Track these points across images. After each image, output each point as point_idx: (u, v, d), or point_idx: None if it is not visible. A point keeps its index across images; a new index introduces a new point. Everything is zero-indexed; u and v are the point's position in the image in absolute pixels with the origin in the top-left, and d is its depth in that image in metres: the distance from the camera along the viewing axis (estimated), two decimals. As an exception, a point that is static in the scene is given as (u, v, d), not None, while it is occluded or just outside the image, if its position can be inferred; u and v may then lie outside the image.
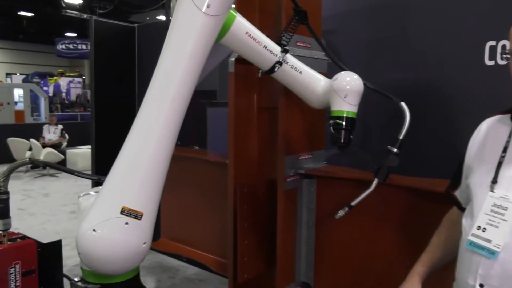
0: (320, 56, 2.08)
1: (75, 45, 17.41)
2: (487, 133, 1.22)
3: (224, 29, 1.50)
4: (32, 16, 17.36)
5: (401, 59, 2.29)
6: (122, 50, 3.75)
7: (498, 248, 1.04)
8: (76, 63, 22.24)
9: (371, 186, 1.66)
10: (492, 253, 1.05)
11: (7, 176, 1.46)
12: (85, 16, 13.83)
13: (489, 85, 1.92)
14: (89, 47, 3.77)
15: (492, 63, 1.91)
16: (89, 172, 3.06)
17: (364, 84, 1.68)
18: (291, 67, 1.69)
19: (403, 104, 1.70)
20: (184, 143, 3.32)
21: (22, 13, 16.98)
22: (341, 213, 1.68)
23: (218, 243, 2.73)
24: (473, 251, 1.09)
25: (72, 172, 1.52)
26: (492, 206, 1.09)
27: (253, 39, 1.59)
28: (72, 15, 14.93)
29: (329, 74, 1.93)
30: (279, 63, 1.65)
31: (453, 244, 1.24)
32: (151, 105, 1.28)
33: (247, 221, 2.11)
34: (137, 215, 1.22)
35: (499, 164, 1.12)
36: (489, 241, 1.07)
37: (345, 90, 1.61)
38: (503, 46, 1.88)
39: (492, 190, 1.11)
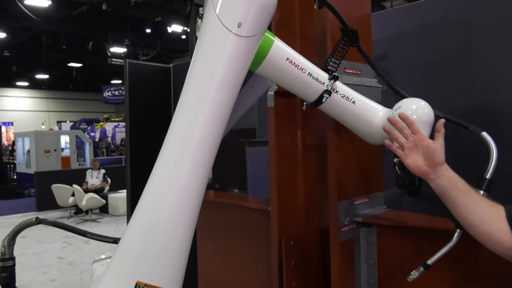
0: (372, 83, 1.80)
1: (120, 91, 18.13)
2: None
3: (261, 56, 1.26)
4: (80, 67, 18.34)
5: (469, 82, 1.98)
6: (157, 91, 3.67)
7: None
8: (122, 108, 23.17)
9: (452, 239, 1.32)
10: None
11: (12, 238, 1.24)
12: (128, 63, 14.39)
13: None
14: (132, 92, 3.71)
15: None
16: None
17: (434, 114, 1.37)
18: (342, 96, 1.42)
19: (485, 134, 1.37)
20: (223, 186, 3.08)
21: (71, 64, 17.99)
22: (415, 274, 1.34)
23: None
24: None
25: (84, 234, 1.28)
26: None
27: (295, 66, 1.34)
28: (117, 63, 15.62)
29: (384, 104, 1.65)
30: (328, 92, 1.38)
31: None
32: (174, 148, 1.04)
33: (295, 279, 1.79)
34: (155, 291, 0.95)
35: None
36: None
37: (411, 121, 1.30)
38: None
39: None
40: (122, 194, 8.38)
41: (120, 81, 19.70)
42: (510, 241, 1.08)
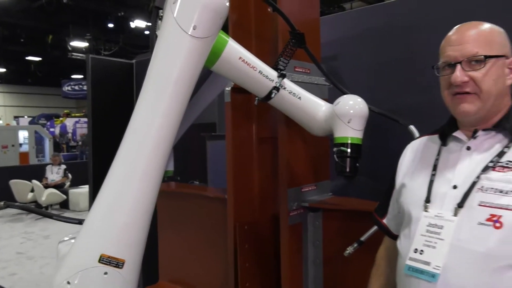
0: (320, 81, 1.98)
1: (80, 86, 17.73)
2: (415, 153, 1.23)
3: (216, 55, 1.40)
4: (39, 61, 17.79)
5: (411, 81, 2.18)
6: (120, 87, 3.71)
7: (438, 269, 1.00)
8: (82, 103, 22.62)
9: (383, 218, 1.51)
10: (432, 276, 1.00)
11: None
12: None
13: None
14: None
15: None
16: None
17: (369, 108, 1.56)
18: (289, 92, 1.58)
19: (412, 127, 1.57)
20: (184, 178, 3.20)
21: (30, 58, 17.42)
22: (350, 249, 1.53)
23: (221, 285, 2.56)
24: (412, 276, 1.05)
25: (50, 216, 1.38)
26: (428, 226, 1.06)
27: (247, 65, 1.48)
28: (78, 57, 15.28)
29: (331, 100, 1.82)
30: (276, 88, 1.54)
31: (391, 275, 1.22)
32: (133, 139, 1.16)
33: (249, 261, 1.95)
34: (118, 263, 1.07)
35: (431, 182, 1.10)
36: (427, 263, 1.02)
37: (348, 115, 1.49)
38: None
39: (426, 209, 1.08)
40: (84, 189, 8.28)
41: (81, 76, 19.25)
42: (392, 245, 1.28)
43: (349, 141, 1.49)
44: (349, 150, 1.48)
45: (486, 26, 1.07)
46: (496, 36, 1.06)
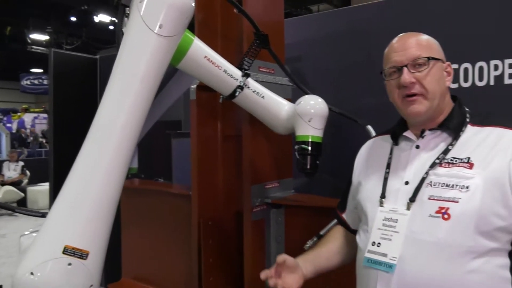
0: (284, 82, 2.04)
1: (40, 80, 17.12)
2: (369, 152, 1.33)
3: (181, 53, 1.43)
4: (-3, 53, 17.04)
5: (370, 84, 2.28)
6: (83, 83, 3.64)
7: (394, 260, 1.08)
8: (42, 99, 21.81)
9: (340, 213, 1.59)
10: (389, 266, 1.08)
11: None
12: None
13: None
14: (53, 81, 3.65)
15: (467, 85, 1.93)
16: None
17: (329, 108, 1.63)
18: (253, 91, 1.63)
19: (369, 127, 1.66)
20: (149, 176, 3.19)
21: (-14, 50, 16.66)
22: (310, 243, 1.60)
23: (185, 281, 2.57)
24: (371, 267, 1.12)
25: (12, 209, 1.37)
26: (384, 220, 1.14)
27: (212, 63, 1.52)
28: (38, 51, 14.75)
29: (294, 100, 1.89)
30: (240, 87, 1.58)
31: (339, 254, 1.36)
32: (99, 133, 1.18)
33: (212, 256, 1.99)
34: (82, 255, 1.09)
35: (385, 180, 1.19)
36: (384, 255, 1.10)
37: (309, 114, 1.55)
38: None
39: (381, 204, 1.16)
40: (43, 187, 8.04)
41: (41, 70, 18.60)
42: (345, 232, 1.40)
43: (310, 139, 1.55)
44: (309, 148, 1.55)
45: (424, 35, 1.18)
46: (433, 43, 1.18)
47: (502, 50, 1.86)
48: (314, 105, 1.57)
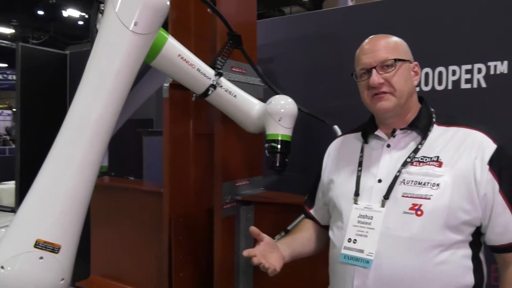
0: (256, 82, 2.09)
1: (5, 75, 16.52)
2: (340, 150, 1.38)
3: (155, 51, 1.45)
4: (-42, 46, 16.35)
5: (338, 86, 2.35)
6: (52, 79, 3.57)
7: (371, 256, 1.13)
8: (6, 94, 21.06)
9: (307, 210, 1.65)
10: (366, 262, 1.13)
11: None
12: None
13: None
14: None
15: (441, 88, 2.02)
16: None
17: (299, 109, 1.69)
18: (225, 90, 1.67)
19: (336, 127, 1.72)
20: (119, 174, 3.17)
21: None
22: (277, 237, 1.65)
23: (154, 278, 2.58)
24: (347, 263, 1.17)
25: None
26: (358, 217, 1.18)
27: (186, 62, 1.55)
28: (2, 44, 14.24)
29: (266, 100, 1.93)
30: (213, 86, 1.62)
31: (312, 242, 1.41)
32: (73, 128, 1.19)
33: (183, 252, 2.01)
34: (53, 248, 1.10)
35: (358, 178, 1.23)
36: (361, 251, 1.15)
37: (279, 113, 1.60)
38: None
39: (356, 202, 1.21)
40: (6, 185, 7.77)
41: (5, 65, 17.95)
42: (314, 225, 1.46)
43: (280, 138, 1.60)
44: (279, 146, 1.60)
45: (392, 37, 1.24)
46: (400, 44, 1.24)
47: (459, 56, 1.98)
48: (284, 105, 1.62)
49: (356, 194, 1.21)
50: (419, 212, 1.10)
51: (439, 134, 1.19)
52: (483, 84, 1.93)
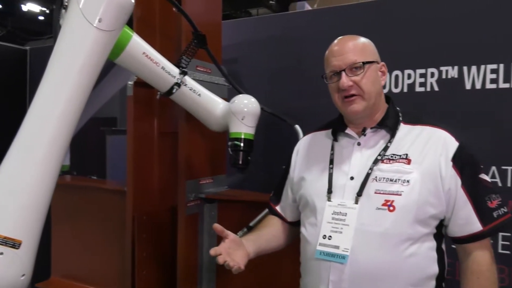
0: (221, 81, 2.12)
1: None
2: (310, 148, 1.40)
3: (120, 48, 1.46)
4: None
5: (300, 87, 2.42)
6: (11, 74, 3.47)
7: (347, 251, 1.16)
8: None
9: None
10: (342, 258, 1.16)
11: None
12: (-29, 40, 12.65)
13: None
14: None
15: (397, 90, 2.13)
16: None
17: (262, 108, 1.74)
18: (190, 89, 1.69)
19: (297, 126, 1.78)
20: (81, 173, 3.12)
21: None
22: (240, 234, 1.68)
23: (117, 277, 2.56)
24: (323, 260, 1.19)
25: None
26: (333, 214, 1.21)
27: (150, 60, 1.56)
28: (-43, 38, 13.58)
29: (230, 99, 1.96)
30: (178, 84, 1.64)
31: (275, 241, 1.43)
32: (34, 123, 1.18)
33: (146, 250, 2.01)
34: (14, 244, 1.09)
35: (330, 175, 1.26)
36: (337, 247, 1.18)
37: (242, 112, 1.64)
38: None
39: (329, 199, 1.24)
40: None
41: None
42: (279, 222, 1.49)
43: (243, 136, 1.64)
44: (242, 144, 1.64)
45: (360, 38, 1.29)
46: (368, 45, 1.29)
47: (414, 61, 2.09)
48: (247, 104, 1.66)
49: (329, 191, 1.24)
50: (391, 208, 1.15)
51: (406, 132, 1.25)
52: (436, 88, 2.05)
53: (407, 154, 1.20)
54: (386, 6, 2.18)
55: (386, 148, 1.23)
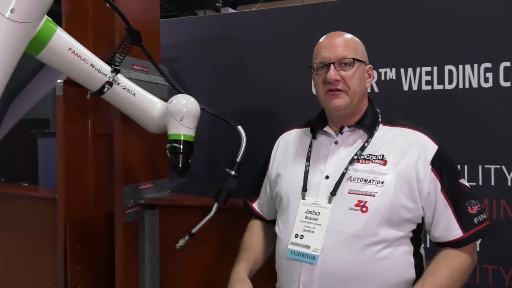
0: (160, 81, 2.01)
1: None
2: (288, 145, 1.37)
3: (42, 43, 1.33)
4: None
5: (242, 88, 2.36)
6: None
7: (317, 252, 1.13)
8: None
9: (211, 211, 1.62)
10: (312, 258, 1.13)
11: None
12: None
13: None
14: None
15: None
16: None
17: (203, 109, 1.66)
18: (123, 88, 1.58)
19: (239, 127, 1.72)
20: (11, 180, 2.89)
21: None
22: (181, 242, 1.60)
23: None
24: (294, 259, 1.16)
25: None
26: (306, 213, 1.18)
27: (77, 56, 1.44)
28: None
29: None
30: (109, 83, 1.53)
31: (265, 244, 1.38)
32: None
33: (80, 262, 1.87)
34: None
35: (306, 173, 1.23)
36: (308, 247, 1.15)
37: (181, 113, 1.56)
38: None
39: (303, 198, 1.20)
40: None
41: None
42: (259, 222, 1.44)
43: (182, 138, 1.55)
44: (181, 146, 1.55)
45: (353, 36, 1.26)
46: (359, 45, 1.26)
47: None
48: (186, 104, 1.57)
49: (304, 189, 1.21)
50: (364, 209, 1.12)
51: (384, 133, 1.23)
52: (376, 89, 2.06)
53: (383, 155, 1.18)
54: (324, 10, 2.18)
55: (363, 148, 1.21)
